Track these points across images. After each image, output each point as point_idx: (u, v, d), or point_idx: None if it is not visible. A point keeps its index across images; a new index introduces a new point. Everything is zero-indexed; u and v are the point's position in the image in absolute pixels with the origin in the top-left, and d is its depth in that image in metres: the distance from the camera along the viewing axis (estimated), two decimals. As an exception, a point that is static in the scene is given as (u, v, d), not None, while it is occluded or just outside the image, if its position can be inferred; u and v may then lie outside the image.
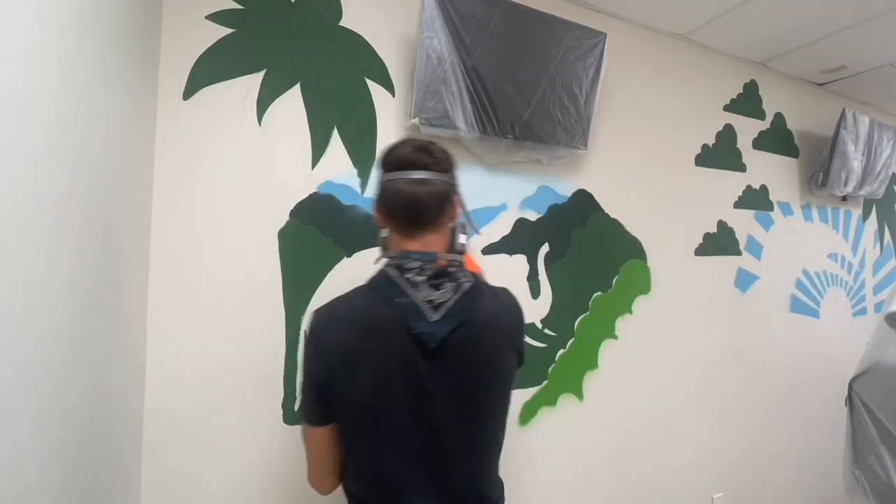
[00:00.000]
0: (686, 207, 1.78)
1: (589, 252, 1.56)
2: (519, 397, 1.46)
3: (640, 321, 1.68)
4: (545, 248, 1.48)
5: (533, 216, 1.46)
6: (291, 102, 1.15)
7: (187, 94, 1.05)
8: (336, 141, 1.20)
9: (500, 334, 0.79)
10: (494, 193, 1.40)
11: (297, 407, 1.15)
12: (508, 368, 0.81)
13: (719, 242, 1.87)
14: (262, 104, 1.12)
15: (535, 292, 1.47)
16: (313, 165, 1.18)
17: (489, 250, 1.39)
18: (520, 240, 1.44)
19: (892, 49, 1.71)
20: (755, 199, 1.97)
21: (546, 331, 1.49)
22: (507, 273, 1.42)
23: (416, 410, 0.72)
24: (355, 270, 1.22)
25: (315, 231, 1.18)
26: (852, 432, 1.17)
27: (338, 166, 1.21)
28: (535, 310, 1.47)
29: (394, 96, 1.26)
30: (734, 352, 1.94)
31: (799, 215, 2.12)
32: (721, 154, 1.86)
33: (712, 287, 1.87)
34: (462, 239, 0.82)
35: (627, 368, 1.66)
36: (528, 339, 1.46)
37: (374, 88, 1.24)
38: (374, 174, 0.80)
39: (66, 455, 0.67)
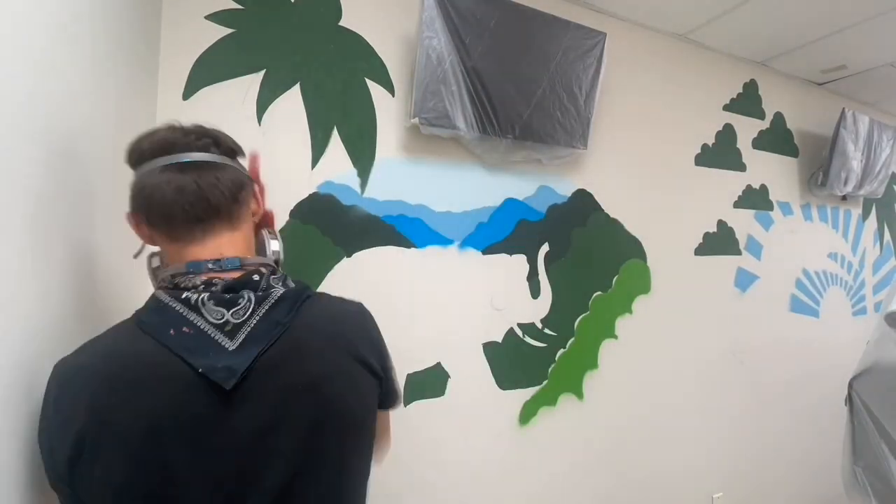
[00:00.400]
0: (686, 207, 1.78)
1: (589, 252, 1.56)
2: (519, 397, 1.46)
3: (640, 321, 1.68)
4: (545, 248, 1.48)
5: (534, 216, 1.47)
6: (291, 102, 1.15)
7: (187, 93, 1.05)
8: (336, 141, 1.20)
9: (336, 348, 0.57)
10: (494, 193, 1.40)
11: None
12: (358, 394, 0.58)
13: (719, 242, 1.87)
14: (262, 104, 1.12)
15: (535, 292, 1.47)
16: (313, 165, 1.18)
17: (490, 251, 1.39)
18: (520, 240, 1.44)
19: (891, 49, 1.71)
20: (755, 199, 1.97)
21: (546, 330, 1.49)
22: (507, 273, 1.42)
23: (219, 488, 0.48)
24: (355, 270, 1.22)
25: (315, 231, 1.18)
26: (852, 431, 1.17)
27: (337, 166, 1.21)
28: (535, 309, 1.47)
29: (394, 96, 1.26)
30: (734, 351, 1.94)
31: (799, 215, 2.12)
32: (721, 154, 1.86)
33: (712, 287, 1.87)
34: (275, 245, 0.68)
35: (627, 368, 1.66)
36: (528, 339, 1.46)
37: (374, 88, 1.24)
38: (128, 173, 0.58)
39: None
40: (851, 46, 1.71)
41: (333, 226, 1.20)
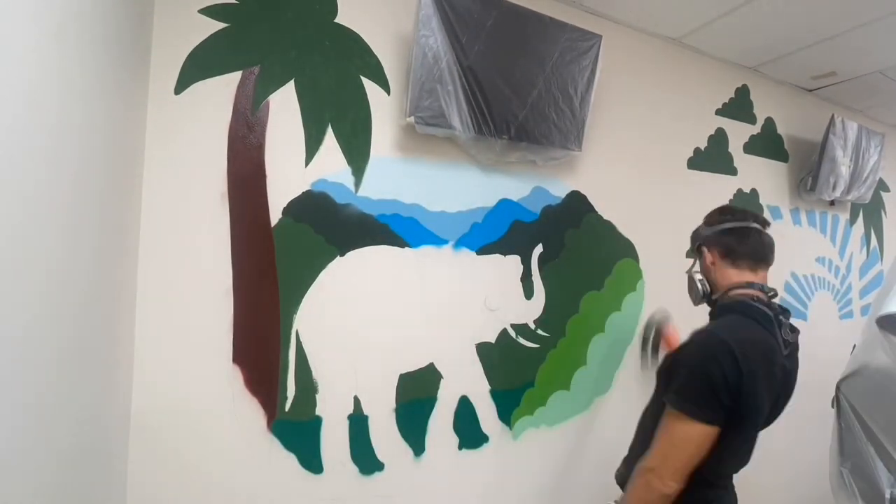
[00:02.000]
0: (678, 210, 1.79)
1: (582, 253, 1.56)
2: (512, 397, 1.46)
3: (632, 322, 1.68)
4: (539, 249, 1.48)
5: (528, 217, 1.47)
6: (285, 99, 1.14)
7: (179, 88, 1.03)
8: (330, 139, 1.19)
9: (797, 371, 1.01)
10: (489, 193, 1.40)
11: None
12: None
13: (710, 245, 1.88)
14: (256, 100, 1.11)
15: (528, 293, 1.47)
16: (307, 163, 1.17)
17: (485, 251, 1.39)
18: (514, 240, 1.44)
19: (880, 56, 1.73)
20: (746, 203, 1.98)
21: (539, 331, 1.49)
22: (501, 273, 1.42)
23: (764, 423, 0.95)
24: (348, 270, 1.21)
25: (308, 229, 1.17)
26: (839, 433, 1.18)
27: (332, 164, 1.20)
28: (528, 310, 1.47)
29: (389, 94, 1.26)
30: (724, 353, 1.96)
31: (788, 219, 2.15)
32: (713, 157, 1.87)
33: (703, 289, 1.88)
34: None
35: (617, 368, 1.66)
36: (521, 340, 1.47)
37: (369, 86, 1.23)
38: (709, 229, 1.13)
39: (51, 455, 0.66)
40: (841, 53, 1.73)
41: (327, 224, 1.19)
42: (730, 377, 0.85)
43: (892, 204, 2.60)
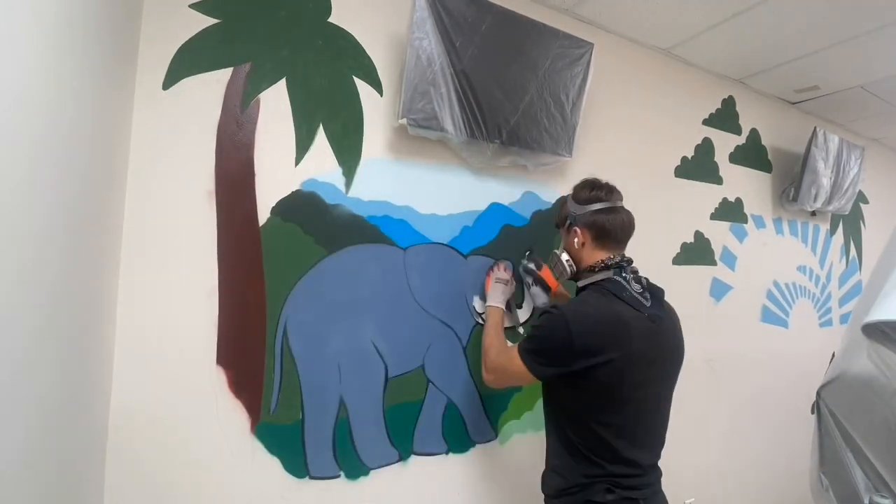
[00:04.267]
0: (665, 217, 1.81)
1: (571, 258, 1.57)
2: (500, 402, 1.46)
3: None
4: (529, 254, 1.48)
5: (518, 221, 1.47)
6: (276, 97, 1.13)
7: (167, 83, 1.01)
8: (321, 138, 1.18)
9: (679, 330, 1.10)
10: (480, 197, 1.40)
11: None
12: (682, 358, 1.11)
13: (696, 252, 1.92)
14: (246, 98, 1.09)
15: (518, 297, 1.47)
16: (297, 162, 1.16)
17: (474, 254, 1.39)
18: (504, 245, 1.44)
19: (862, 72, 1.78)
20: (730, 212, 2.03)
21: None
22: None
23: (643, 385, 0.99)
24: (336, 271, 1.20)
25: (296, 230, 1.16)
26: (819, 439, 1.20)
27: (322, 164, 1.18)
28: (518, 315, 1.47)
29: (381, 96, 1.25)
30: (707, 359, 1.99)
31: (771, 228, 2.20)
32: (699, 166, 1.90)
33: (688, 296, 1.91)
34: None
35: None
36: (510, 344, 1.46)
37: (362, 87, 1.23)
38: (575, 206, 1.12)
39: (27, 454, 0.63)
40: (825, 68, 1.78)
41: (316, 225, 1.18)
42: (566, 345, 0.94)
43: (871, 215, 2.68)
